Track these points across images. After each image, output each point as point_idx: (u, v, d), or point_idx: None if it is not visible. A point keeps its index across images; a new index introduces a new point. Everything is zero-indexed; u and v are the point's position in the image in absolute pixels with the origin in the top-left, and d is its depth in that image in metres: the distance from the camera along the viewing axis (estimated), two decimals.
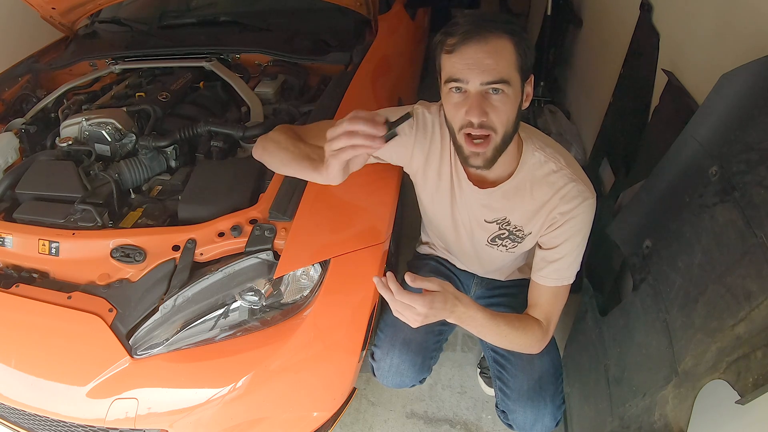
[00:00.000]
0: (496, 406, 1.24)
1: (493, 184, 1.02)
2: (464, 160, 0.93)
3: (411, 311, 0.86)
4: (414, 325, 0.88)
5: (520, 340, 1.02)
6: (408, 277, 0.86)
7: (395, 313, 0.88)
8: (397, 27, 2.03)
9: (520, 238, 1.07)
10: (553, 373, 1.15)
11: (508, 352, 1.19)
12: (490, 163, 0.91)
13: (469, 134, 0.88)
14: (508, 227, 1.07)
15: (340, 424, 1.38)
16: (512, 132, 0.90)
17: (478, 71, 0.83)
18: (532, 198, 1.00)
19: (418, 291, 0.87)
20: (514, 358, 1.18)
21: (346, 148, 0.81)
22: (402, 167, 1.17)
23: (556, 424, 1.15)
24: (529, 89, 0.91)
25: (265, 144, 1.05)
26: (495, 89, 0.84)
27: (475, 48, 0.83)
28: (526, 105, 0.91)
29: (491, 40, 0.83)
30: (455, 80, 0.86)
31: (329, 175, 0.88)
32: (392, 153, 1.10)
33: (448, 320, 0.91)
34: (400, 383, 1.24)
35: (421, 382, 1.29)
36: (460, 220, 1.12)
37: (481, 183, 1.03)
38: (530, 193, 1.00)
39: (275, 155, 1.02)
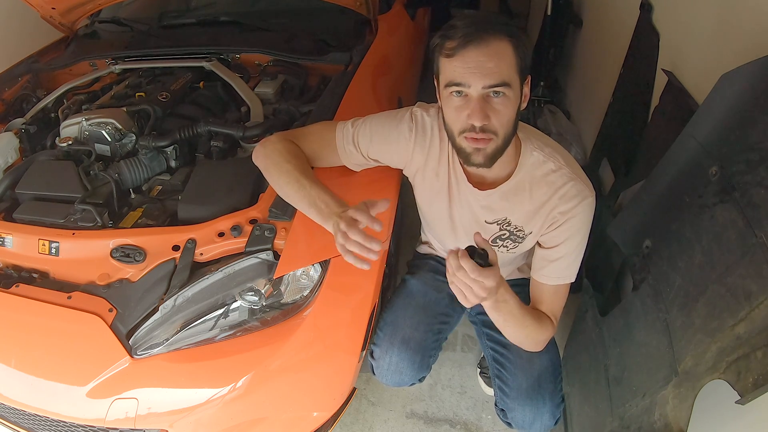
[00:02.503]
0: (496, 405, 1.24)
1: (492, 185, 1.02)
2: (466, 159, 0.93)
3: (479, 285, 0.81)
4: (473, 302, 0.84)
5: (534, 334, 1.02)
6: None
7: (456, 290, 0.83)
8: (397, 27, 2.03)
9: (521, 238, 1.07)
10: (552, 371, 1.15)
11: (508, 351, 1.19)
12: (492, 160, 0.91)
13: (471, 137, 0.88)
14: (508, 228, 1.07)
15: (340, 424, 1.38)
16: (512, 133, 0.90)
17: (480, 75, 0.83)
18: (531, 198, 1.00)
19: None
20: (513, 357, 1.18)
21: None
22: (400, 169, 1.17)
23: (555, 423, 1.15)
24: (527, 90, 0.91)
25: (268, 166, 1.05)
26: (496, 92, 0.84)
27: (476, 51, 0.83)
28: (524, 106, 0.92)
29: (492, 43, 0.83)
30: (456, 84, 0.85)
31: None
32: (392, 156, 1.10)
33: (485, 303, 0.88)
34: (399, 382, 1.24)
35: (420, 380, 1.29)
36: (458, 221, 1.12)
37: (480, 184, 1.03)
38: (529, 193, 1.00)
39: (279, 187, 1.03)
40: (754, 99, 0.85)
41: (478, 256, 0.81)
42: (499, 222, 1.07)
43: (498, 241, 1.10)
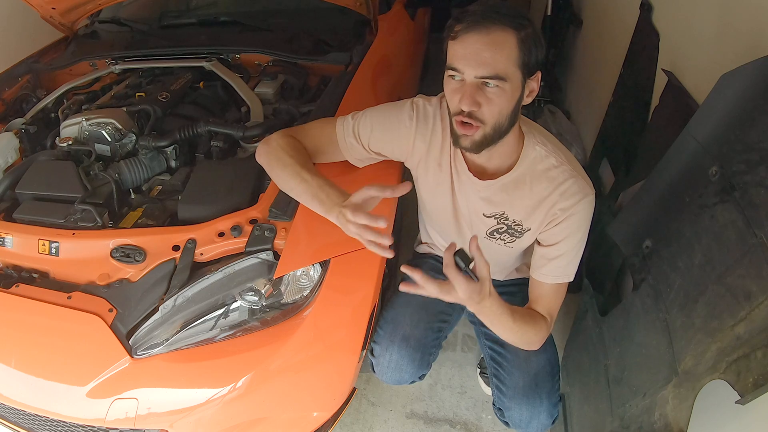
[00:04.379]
0: (493, 404, 1.24)
1: (493, 176, 1.02)
2: (455, 140, 0.94)
3: (446, 289, 0.83)
4: (449, 299, 0.85)
5: (527, 335, 1.02)
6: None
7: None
8: (397, 27, 2.03)
9: (519, 233, 1.07)
10: (550, 371, 1.15)
11: (506, 350, 1.19)
12: (479, 147, 0.92)
13: (460, 121, 0.89)
14: (506, 222, 1.07)
15: (340, 424, 1.38)
16: (506, 125, 0.90)
17: (475, 64, 0.84)
18: (531, 192, 1.01)
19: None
20: (511, 356, 1.18)
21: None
22: (402, 164, 1.17)
23: (553, 422, 1.15)
24: (534, 85, 0.90)
25: (270, 162, 1.05)
26: (488, 83, 0.85)
27: (475, 38, 0.83)
28: (528, 100, 0.91)
29: (494, 32, 0.83)
30: (453, 69, 0.87)
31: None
32: (393, 147, 1.10)
33: (470, 308, 0.89)
34: (399, 379, 1.24)
35: (420, 378, 1.29)
36: (460, 212, 1.12)
37: (481, 175, 1.03)
38: (530, 187, 1.00)
39: (282, 181, 1.04)
40: (754, 99, 0.85)
41: (460, 256, 0.81)
42: (497, 216, 1.07)
43: (495, 234, 1.10)
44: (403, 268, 0.87)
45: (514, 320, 0.96)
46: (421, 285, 0.85)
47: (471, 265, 0.82)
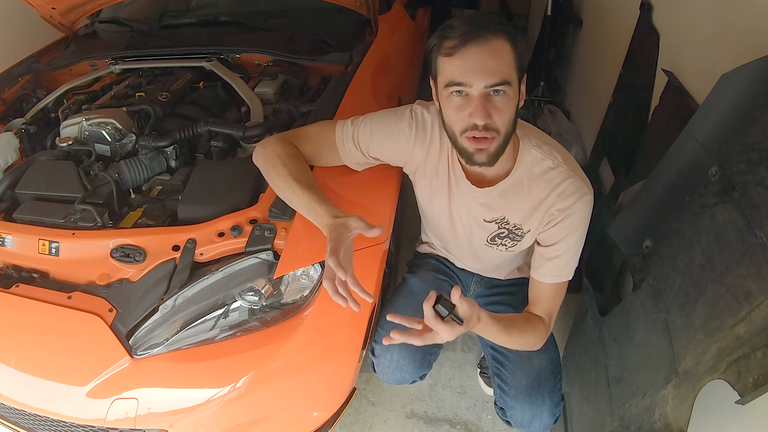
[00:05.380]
0: (495, 403, 1.24)
1: (491, 182, 1.02)
2: (468, 159, 0.93)
3: (430, 334, 0.86)
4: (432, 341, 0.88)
5: (526, 341, 1.03)
6: (456, 291, 0.83)
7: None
8: (397, 27, 2.03)
9: (519, 236, 1.07)
10: (552, 370, 1.15)
11: (507, 350, 1.19)
12: (494, 158, 0.91)
13: (472, 137, 0.88)
14: (507, 226, 1.07)
15: (340, 424, 1.38)
16: (512, 131, 0.91)
17: (482, 74, 0.83)
18: (529, 195, 1.01)
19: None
20: (513, 356, 1.18)
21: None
22: (401, 168, 1.17)
23: (555, 421, 1.15)
24: (523, 89, 0.91)
25: (266, 168, 1.06)
26: (497, 91, 0.84)
27: (476, 49, 0.83)
28: (521, 104, 0.92)
29: (491, 41, 0.83)
30: (457, 84, 0.85)
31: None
32: (392, 154, 1.10)
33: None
34: (400, 379, 1.24)
35: (421, 378, 1.29)
36: (458, 219, 1.12)
37: (479, 182, 1.03)
38: (528, 190, 1.01)
39: (277, 189, 1.05)
40: (754, 99, 0.85)
41: (442, 304, 0.83)
42: (498, 221, 1.07)
43: (497, 239, 1.10)
44: (389, 317, 0.90)
45: (510, 333, 0.98)
46: (404, 339, 0.87)
47: (454, 310, 0.83)
